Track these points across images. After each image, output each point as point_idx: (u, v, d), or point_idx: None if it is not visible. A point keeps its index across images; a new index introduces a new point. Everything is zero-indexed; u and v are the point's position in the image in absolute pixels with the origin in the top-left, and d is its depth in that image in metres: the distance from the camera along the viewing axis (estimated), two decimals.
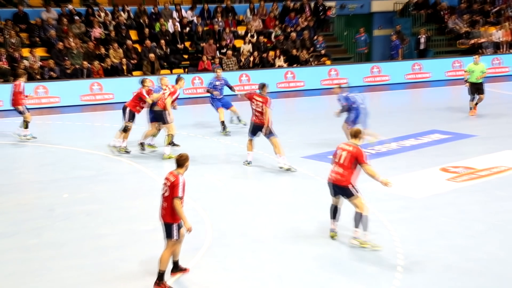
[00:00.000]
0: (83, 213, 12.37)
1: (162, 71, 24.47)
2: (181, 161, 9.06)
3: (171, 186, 8.90)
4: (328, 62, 27.30)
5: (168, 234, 9.10)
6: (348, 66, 27.30)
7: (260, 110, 14.62)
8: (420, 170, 14.74)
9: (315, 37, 27.91)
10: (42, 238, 11.20)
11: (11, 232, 11.47)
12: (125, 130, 16.07)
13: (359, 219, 10.48)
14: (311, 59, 26.87)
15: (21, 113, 17.47)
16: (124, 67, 24.36)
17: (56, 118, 21.23)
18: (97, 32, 25.58)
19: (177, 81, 16.10)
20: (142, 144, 16.27)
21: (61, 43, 24.27)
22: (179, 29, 26.70)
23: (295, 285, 9.44)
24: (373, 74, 26.90)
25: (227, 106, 18.69)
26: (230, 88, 18.93)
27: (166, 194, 8.98)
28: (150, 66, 24.63)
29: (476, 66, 20.07)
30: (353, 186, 10.42)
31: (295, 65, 26.36)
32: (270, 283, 9.47)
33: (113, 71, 24.20)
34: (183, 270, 9.61)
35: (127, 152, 16.11)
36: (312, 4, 29.59)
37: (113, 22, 26.17)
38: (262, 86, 14.83)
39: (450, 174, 14.32)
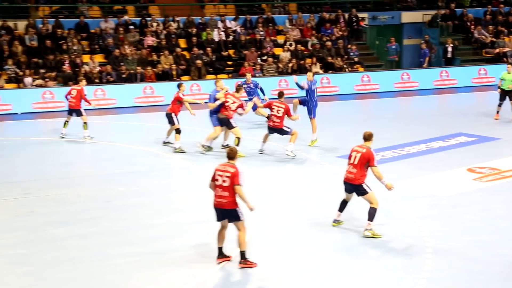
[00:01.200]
0: (137, 204, 12.46)
1: (208, 76, 24.53)
2: (234, 154, 9.37)
3: (232, 176, 9.13)
4: (361, 69, 27.04)
5: (236, 218, 9.31)
6: (380, 73, 26.98)
7: (279, 115, 15.00)
8: (448, 170, 14.51)
9: (349, 46, 27.67)
10: (100, 227, 11.32)
11: (72, 220, 11.61)
12: (179, 132, 16.19)
13: (373, 213, 10.49)
14: (345, 66, 26.66)
15: (80, 115, 17.56)
16: (174, 72, 24.48)
17: (112, 118, 21.42)
18: (149, 40, 25.77)
19: (238, 90, 15.94)
20: (203, 146, 16.03)
21: (117, 50, 24.51)
22: (224, 37, 26.74)
23: (331, 275, 9.37)
24: (403, 80, 26.56)
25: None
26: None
27: (226, 184, 9.15)
28: (197, 71, 24.73)
29: (509, 75, 19.78)
30: (366, 184, 10.48)
31: (330, 71, 26.18)
32: (306, 274, 9.42)
33: (164, 76, 24.34)
34: (227, 257, 9.61)
35: (183, 151, 16.09)
36: (347, 15, 29.34)
37: (164, 31, 26.31)
38: (281, 95, 15.33)
39: (476, 174, 14.06)
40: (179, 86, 16.51)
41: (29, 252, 10.23)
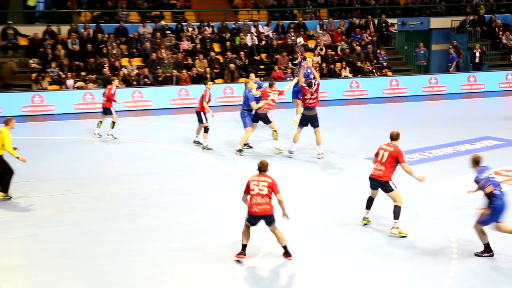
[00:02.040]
0: (171, 202, 12.57)
1: (241, 79, 24.61)
2: (265, 167, 9.59)
3: (271, 186, 9.37)
4: (390, 73, 26.83)
5: (274, 221, 9.50)
6: (408, 77, 26.73)
7: (314, 97, 14.92)
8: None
9: (378, 51, 27.47)
10: (136, 223, 11.44)
11: (109, 217, 11.76)
12: (207, 130, 16.36)
13: (398, 212, 10.49)
14: (374, 70, 26.49)
15: (110, 114, 17.76)
16: (208, 76, 24.61)
17: (149, 119, 21.63)
18: (185, 44, 25.95)
19: (271, 85, 16.05)
20: (239, 151, 15.89)
21: (154, 54, 24.73)
22: (256, 42, 26.79)
23: (358, 273, 9.34)
24: (431, 84, 26.29)
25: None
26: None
27: (265, 192, 9.34)
28: (230, 75, 24.83)
29: None
30: (392, 181, 10.49)
31: (359, 75, 26.04)
32: (334, 272, 9.40)
33: (198, 79, 24.47)
34: (244, 255, 9.65)
35: (210, 149, 16.33)
36: (376, 21, 29.15)
37: (199, 36, 26.48)
38: (310, 85, 15.09)
39: (503, 177, 13.83)
40: (205, 83, 16.79)
41: (70, 246, 10.40)
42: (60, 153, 16.48)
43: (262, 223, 9.52)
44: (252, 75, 17.34)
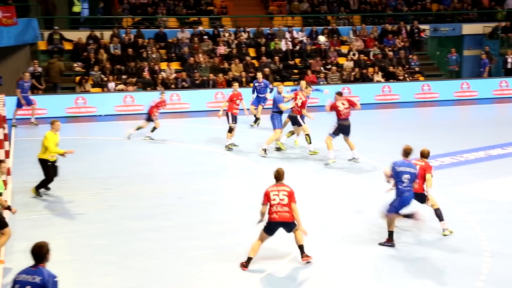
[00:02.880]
0: (207, 202, 12.56)
1: (275, 83, 24.49)
2: (281, 175, 9.35)
3: (289, 195, 9.18)
4: (421, 78, 26.47)
5: (294, 227, 9.32)
6: (440, 82, 26.31)
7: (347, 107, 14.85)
8: (506, 177, 13.98)
9: (410, 56, 27.11)
10: (173, 221, 11.46)
11: (147, 215, 11.81)
12: (230, 130, 16.52)
13: (441, 213, 10.49)
14: (406, 75, 26.14)
15: (152, 120, 17.83)
16: (243, 80, 24.62)
17: (186, 121, 21.73)
18: (222, 49, 26.00)
19: (306, 87, 16.22)
20: (264, 150, 15.93)
21: (192, 58, 24.85)
22: (291, 47, 26.70)
23: (389, 274, 9.18)
24: (462, 89, 25.83)
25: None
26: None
27: (285, 201, 9.15)
28: (265, 79, 24.76)
29: None
30: (426, 191, 10.48)
31: (391, 80, 25.73)
32: (365, 273, 9.26)
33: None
34: (245, 267, 9.48)
35: (233, 147, 16.50)
36: (408, 27, 28.77)
37: (235, 41, 26.52)
38: (340, 94, 15.15)
39: None
40: (232, 85, 16.94)
41: (109, 243, 10.47)
42: (101, 153, 16.65)
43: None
44: (280, 86, 17.02)
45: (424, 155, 10.69)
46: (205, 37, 26.47)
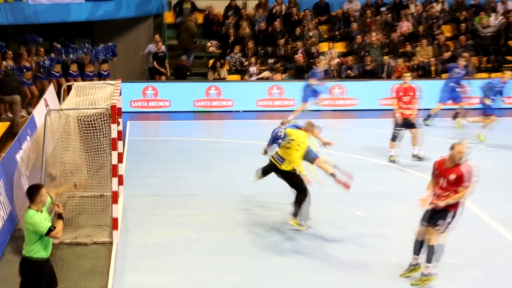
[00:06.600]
0: (377, 235, 12.43)
1: (478, 75, 23.77)
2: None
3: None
4: None
5: None
6: None
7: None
8: None
9: None
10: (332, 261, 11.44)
11: (297, 249, 11.87)
12: (394, 138, 16.86)
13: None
14: None
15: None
16: (433, 68, 24.13)
17: (352, 123, 21.67)
18: (404, 26, 25.65)
19: None
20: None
21: (360, 37, 24.69)
22: (504, 24, 25.78)
23: None
24: None
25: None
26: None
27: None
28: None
29: None
30: None
31: None
32: None
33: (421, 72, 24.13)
34: None
35: (392, 160, 16.92)
36: None
37: (424, 15, 26.06)
38: None
39: None
40: (402, 76, 17.71)
41: (243, 281, 10.63)
42: (237, 161, 16.97)
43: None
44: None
45: None
46: (383, 9, 26.28)
